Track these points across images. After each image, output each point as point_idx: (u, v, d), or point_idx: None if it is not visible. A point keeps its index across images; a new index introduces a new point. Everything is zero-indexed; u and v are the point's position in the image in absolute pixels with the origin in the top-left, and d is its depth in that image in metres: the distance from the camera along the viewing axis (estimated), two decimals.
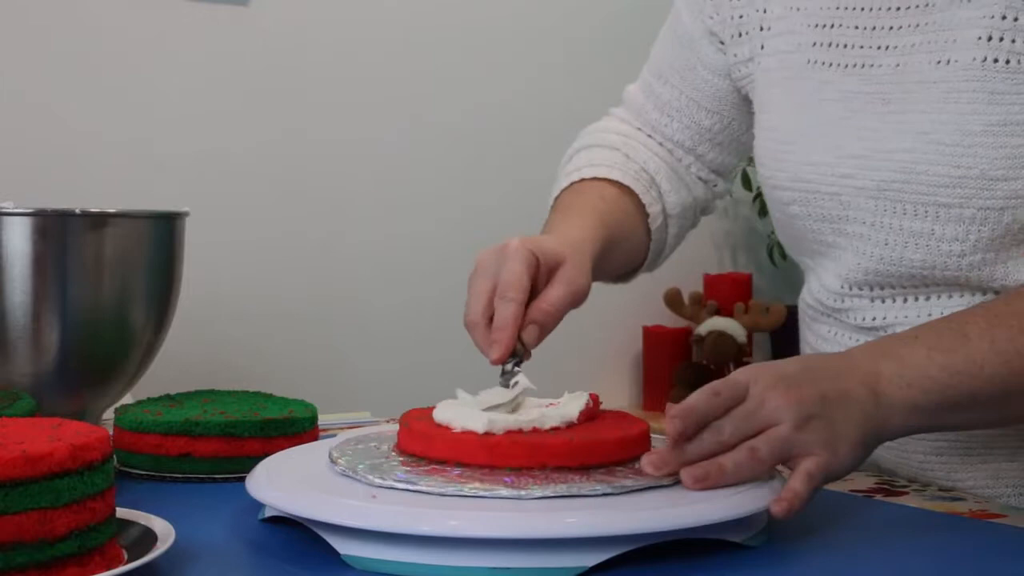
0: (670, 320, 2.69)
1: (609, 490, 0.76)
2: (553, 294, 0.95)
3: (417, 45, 2.38)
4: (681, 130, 1.22)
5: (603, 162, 1.18)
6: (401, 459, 0.82)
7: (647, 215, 1.18)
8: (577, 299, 0.97)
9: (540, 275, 0.95)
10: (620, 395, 2.68)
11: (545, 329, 0.94)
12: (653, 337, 2.67)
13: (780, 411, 0.80)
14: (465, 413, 0.82)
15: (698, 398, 0.81)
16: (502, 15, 2.48)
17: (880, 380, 0.84)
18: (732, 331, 2.58)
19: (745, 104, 1.18)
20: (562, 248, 0.98)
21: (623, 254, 1.16)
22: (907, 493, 0.99)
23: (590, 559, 0.72)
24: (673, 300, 2.63)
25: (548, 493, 0.74)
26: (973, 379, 0.85)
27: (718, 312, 2.62)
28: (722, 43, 1.16)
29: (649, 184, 1.19)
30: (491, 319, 0.92)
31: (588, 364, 2.59)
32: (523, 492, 0.74)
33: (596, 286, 1.04)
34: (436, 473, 0.78)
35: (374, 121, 2.33)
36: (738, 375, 0.83)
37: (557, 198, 1.16)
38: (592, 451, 0.80)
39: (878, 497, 0.96)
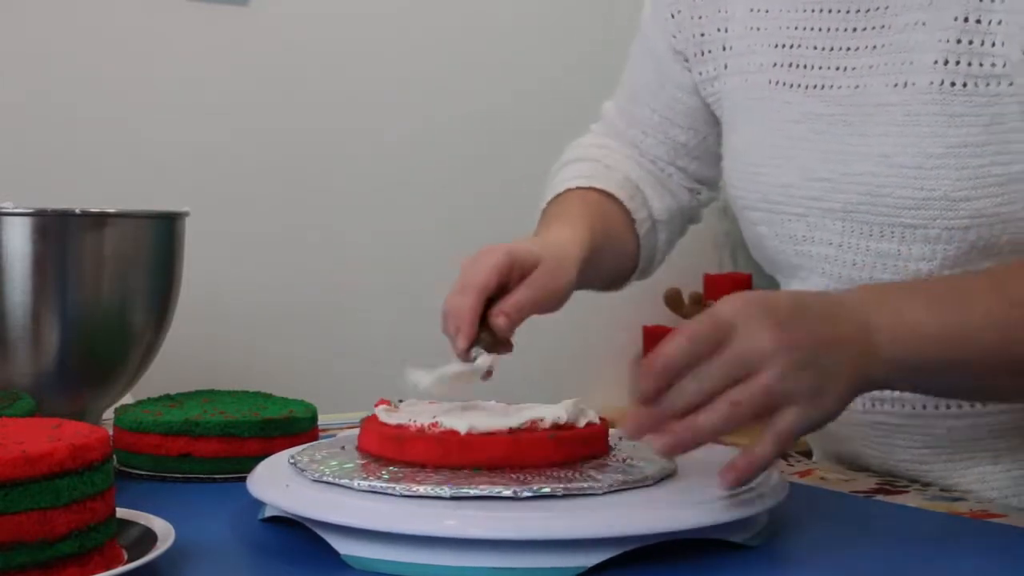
0: (670, 320, 2.69)
1: (601, 488, 0.76)
2: (515, 296, 0.95)
3: (418, 44, 2.38)
4: (657, 146, 1.22)
5: (585, 173, 1.19)
6: (364, 462, 0.81)
7: (634, 221, 1.19)
8: (546, 302, 0.97)
9: (513, 277, 0.95)
10: (620, 395, 2.68)
11: (501, 332, 0.94)
12: (653, 337, 2.67)
13: (771, 355, 0.74)
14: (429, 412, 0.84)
15: (673, 349, 0.74)
16: (504, 14, 2.48)
17: (871, 330, 0.79)
18: None
19: (717, 121, 1.18)
20: (538, 251, 0.98)
21: (612, 259, 1.16)
22: (907, 492, 0.99)
23: (590, 559, 0.72)
24: (673, 300, 2.63)
25: (545, 491, 0.74)
26: (970, 343, 0.81)
27: None
28: (687, 61, 1.16)
29: (634, 191, 1.19)
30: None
31: (588, 364, 2.59)
32: (521, 490, 0.74)
33: None
34: (412, 477, 0.77)
35: (374, 121, 2.33)
36: (722, 310, 0.76)
37: (544, 211, 1.17)
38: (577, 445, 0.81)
39: (878, 497, 0.96)
